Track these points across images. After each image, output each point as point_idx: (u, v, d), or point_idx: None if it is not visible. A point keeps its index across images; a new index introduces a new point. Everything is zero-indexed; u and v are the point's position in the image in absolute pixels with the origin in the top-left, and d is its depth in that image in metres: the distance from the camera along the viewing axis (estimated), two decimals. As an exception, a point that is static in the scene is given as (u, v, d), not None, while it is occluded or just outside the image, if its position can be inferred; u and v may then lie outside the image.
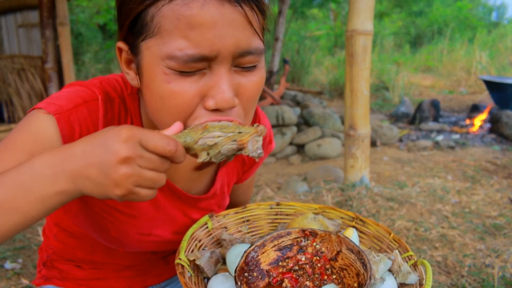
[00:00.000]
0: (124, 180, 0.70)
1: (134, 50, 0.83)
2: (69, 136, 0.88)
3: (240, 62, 0.80)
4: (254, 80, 0.84)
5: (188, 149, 0.77)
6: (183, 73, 0.77)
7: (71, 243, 1.19)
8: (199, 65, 0.77)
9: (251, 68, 0.83)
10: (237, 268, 0.87)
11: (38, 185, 0.72)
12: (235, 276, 0.85)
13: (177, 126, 0.78)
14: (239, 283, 0.83)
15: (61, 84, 6.26)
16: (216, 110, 0.80)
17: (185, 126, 0.82)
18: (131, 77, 0.89)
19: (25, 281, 2.46)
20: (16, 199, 0.72)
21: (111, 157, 0.69)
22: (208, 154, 0.78)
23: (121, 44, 0.87)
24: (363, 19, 3.39)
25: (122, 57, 0.89)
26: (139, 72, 0.85)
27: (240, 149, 0.78)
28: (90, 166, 0.70)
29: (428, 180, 4.14)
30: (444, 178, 4.26)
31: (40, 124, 0.87)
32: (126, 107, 0.99)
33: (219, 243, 1.12)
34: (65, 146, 0.74)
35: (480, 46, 12.25)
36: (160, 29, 0.76)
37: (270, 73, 7.13)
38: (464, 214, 3.31)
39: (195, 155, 0.79)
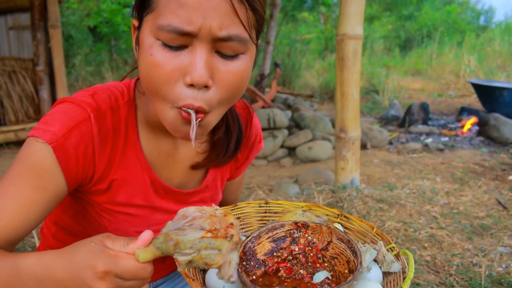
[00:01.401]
0: None
1: (139, 25, 0.90)
2: (66, 161, 0.92)
3: (221, 46, 0.84)
4: (233, 69, 0.87)
5: (164, 254, 0.76)
6: (167, 47, 0.83)
7: (69, 241, 1.20)
8: (182, 39, 0.82)
9: (233, 57, 0.87)
10: None
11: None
12: None
13: (147, 235, 0.77)
14: (239, 270, 0.86)
15: (52, 86, 6.24)
16: (192, 86, 0.84)
17: (168, 104, 0.86)
18: (137, 53, 0.94)
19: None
20: None
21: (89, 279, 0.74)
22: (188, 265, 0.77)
23: (135, 21, 0.94)
24: (353, 24, 3.45)
25: (134, 35, 0.95)
26: (138, 45, 0.91)
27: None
28: (72, 286, 0.77)
29: (418, 182, 4.20)
30: (433, 179, 4.32)
31: (39, 156, 0.91)
32: (119, 115, 1.02)
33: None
34: (47, 259, 0.81)
35: (469, 49, 12.39)
36: (158, 4, 0.83)
37: (261, 77, 7.16)
38: (453, 214, 3.37)
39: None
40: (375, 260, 1.01)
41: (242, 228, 1.23)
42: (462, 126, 6.74)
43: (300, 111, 6.19)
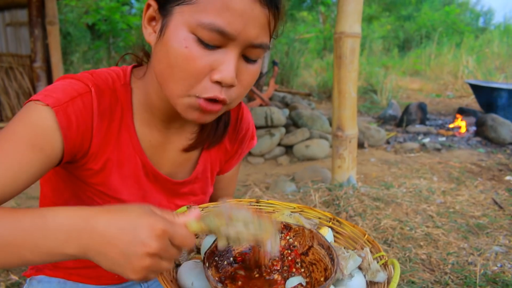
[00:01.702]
0: (144, 270, 0.73)
1: (164, 11, 0.91)
2: (67, 127, 0.92)
3: (249, 52, 0.91)
4: (252, 72, 0.95)
5: (209, 231, 0.81)
6: (203, 44, 0.86)
7: None
8: (220, 39, 0.86)
9: (253, 61, 0.94)
10: (207, 251, 0.88)
11: (47, 245, 0.74)
12: (204, 257, 0.86)
13: (197, 211, 0.82)
14: (207, 264, 0.84)
15: (49, 83, 6.18)
16: (218, 83, 0.89)
17: (188, 91, 0.90)
18: (148, 32, 0.96)
19: (14, 277, 2.46)
20: (23, 248, 0.74)
21: (140, 248, 0.72)
22: (228, 242, 0.81)
23: (152, 2, 0.94)
24: (351, 22, 3.44)
25: (147, 13, 0.96)
26: (161, 30, 0.91)
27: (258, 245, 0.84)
28: (112, 246, 0.72)
29: (414, 181, 4.20)
30: (429, 179, 4.32)
31: (40, 116, 0.90)
32: (116, 97, 1.04)
33: (195, 234, 1.13)
34: (85, 212, 0.76)
35: (467, 50, 12.40)
36: (198, 0, 0.85)
37: (259, 75, 7.15)
38: (449, 214, 3.37)
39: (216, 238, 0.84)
40: (360, 268, 0.97)
41: None
42: (459, 127, 6.74)
43: (298, 110, 6.19)
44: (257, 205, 1.23)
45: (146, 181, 1.13)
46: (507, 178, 4.37)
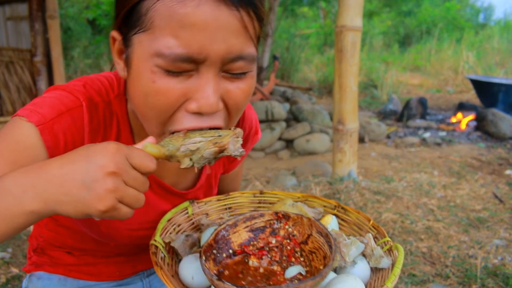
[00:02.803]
0: (109, 194, 0.67)
1: (127, 41, 0.82)
2: (53, 146, 0.87)
3: (230, 67, 0.78)
4: (243, 88, 0.82)
5: (170, 157, 0.78)
6: (170, 73, 0.76)
7: (61, 231, 1.19)
8: (187, 66, 0.75)
9: (241, 75, 0.81)
10: (205, 245, 0.86)
11: (4, 205, 0.69)
12: (200, 251, 0.84)
13: (152, 138, 0.78)
14: (204, 258, 0.82)
15: (50, 77, 6.21)
16: (197, 114, 0.79)
17: (164, 128, 0.82)
18: (120, 67, 0.87)
19: (14, 270, 2.46)
20: None
21: (97, 171, 0.67)
22: (191, 159, 0.78)
23: (115, 34, 0.85)
24: (352, 15, 3.44)
25: (114, 47, 0.87)
26: (127, 64, 0.83)
27: (222, 151, 0.79)
28: (69, 182, 0.67)
29: (415, 175, 4.20)
30: (430, 173, 4.32)
31: (23, 133, 0.84)
32: (111, 111, 0.97)
33: (198, 229, 1.11)
34: (40, 164, 0.71)
35: (468, 46, 12.37)
36: (153, 24, 0.74)
37: (260, 69, 7.15)
38: (449, 207, 3.38)
39: (178, 162, 0.79)
40: (364, 255, 0.95)
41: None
42: (458, 122, 6.74)
43: (298, 104, 6.19)
44: (261, 197, 1.22)
45: (150, 192, 1.09)
46: (507, 172, 4.38)
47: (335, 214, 1.12)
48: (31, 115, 0.85)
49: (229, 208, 1.20)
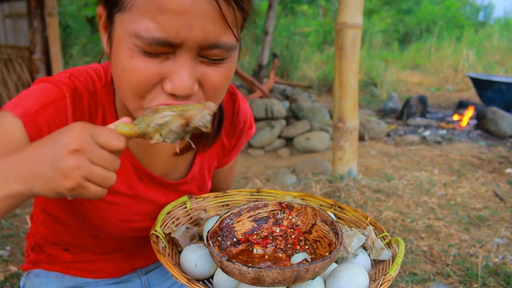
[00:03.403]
0: (73, 171, 0.68)
1: (110, 18, 0.83)
2: (37, 138, 0.87)
3: (206, 53, 0.80)
4: (220, 71, 0.84)
5: (144, 135, 0.78)
6: (147, 53, 0.77)
7: (58, 228, 1.19)
8: (163, 49, 0.77)
9: (218, 60, 0.82)
10: (210, 231, 0.87)
11: None
12: (207, 236, 0.84)
13: (126, 117, 0.78)
14: (211, 243, 0.82)
15: (48, 75, 6.16)
16: (173, 96, 0.81)
17: (141, 103, 0.83)
18: (105, 42, 0.88)
19: (13, 268, 2.45)
20: None
21: (61, 149, 0.68)
22: (161, 135, 0.78)
23: (100, 9, 0.87)
24: (353, 13, 3.42)
25: (100, 22, 0.88)
26: (110, 41, 0.84)
27: (188, 124, 0.79)
28: (41, 162, 0.70)
29: (415, 173, 4.19)
30: (430, 171, 4.31)
31: (8, 128, 0.86)
32: (97, 100, 0.98)
33: (197, 223, 1.12)
34: (21, 149, 0.74)
35: (467, 44, 12.37)
36: (133, 5, 0.76)
37: (259, 67, 7.13)
38: (450, 206, 3.36)
39: (151, 139, 0.80)
40: (364, 247, 0.96)
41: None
42: (460, 120, 6.72)
43: (298, 102, 6.17)
44: (258, 195, 1.22)
45: (140, 184, 1.09)
46: (508, 170, 4.37)
47: (332, 213, 1.12)
48: (16, 109, 0.87)
49: (227, 205, 1.21)
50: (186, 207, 1.14)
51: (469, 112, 6.73)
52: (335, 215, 1.12)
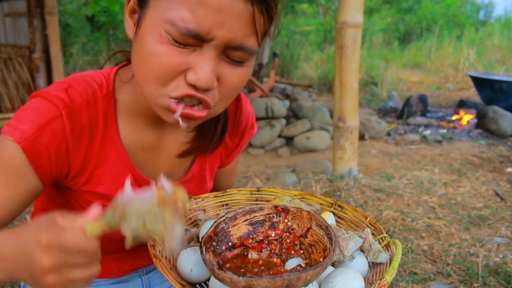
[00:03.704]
0: (55, 286, 0.70)
1: (142, 3, 0.84)
2: (37, 160, 0.90)
3: (230, 53, 0.82)
4: (239, 73, 0.86)
5: (112, 229, 0.75)
6: (176, 43, 0.79)
7: None
8: (193, 41, 0.78)
9: (239, 62, 0.84)
10: (204, 236, 0.87)
11: None
12: (200, 242, 0.84)
13: (96, 209, 0.75)
14: (203, 249, 0.82)
15: (48, 74, 6.18)
16: (193, 87, 0.82)
17: (162, 91, 0.83)
18: (129, 25, 0.89)
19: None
20: None
21: (36, 268, 0.69)
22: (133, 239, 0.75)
23: None
24: (353, 12, 3.41)
25: (128, 5, 0.89)
26: (138, 23, 0.85)
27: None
28: (21, 270, 0.73)
29: (415, 173, 4.18)
30: (431, 170, 4.31)
31: (8, 153, 0.88)
32: (97, 110, 0.97)
33: (196, 224, 1.12)
34: (1, 244, 0.76)
35: (468, 43, 12.36)
36: None
37: (259, 66, 7.12)
38: (450, 205, 3.36)
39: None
40: (362, 250, 0.96)
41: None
42: (460, 119, 6.72)
43: (298, 101, 6.17)
44: (258, 194, 1.22)
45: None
46: (508, 170, 4.36)
47: (331, 212, 1.12)
48: (14, 133, 0.88)
49: (226, 204, 1.21)
50: None
51: (469, 116, 6.70)
52: (335, 214, 1.12)
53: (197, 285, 0.93)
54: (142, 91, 0.90)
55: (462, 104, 7.50)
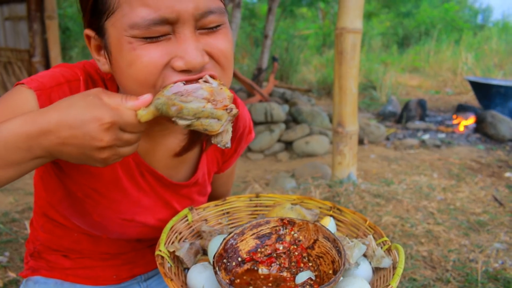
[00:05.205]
0: (106, 160, 0.77)
1: (101, 32, 0.85)
2: None
3: (203, 23, 0.82)
4: (221, 37, 0.86)
5: (162, 115, 0.80)
6: (148, 39, 0.79)
7: (57, 233, 1.20)
8: (162, 29, 0.79)
9: (216, 27, 0.85)
10: (216, 255, 0.88)
11: (14, 157, 0.74)
12: (213, 261, 0.86)
13: (148, 96, 0.80)
14: (217, 268, 0.84)
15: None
16: (185, 72, 0.82)
17: (155, 92, 0.83)
18: (101, 62, 0.91)
19: (12, 274, 2.44)
20: None
21: (93, 143, 0.73)
22: (180, 115, 0.79)
23: (88, 31, 0.89)
24: (352, 17, 3.43)
25: (91, 45, 0.91)
26: (107, 52, 0.86)
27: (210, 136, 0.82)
28: (69, 146, 0.74)
29: (414, 178, 4.19)
30: (430, 175, 4.31)
31: (21, 98, 0.89)
32: (107, 87, 1.02)
33: (199, 235, 1.13)
34: (38, 115, 0.75)
35: (466, 47, 12.39)
36: (119, 2, 0.79)
37: (259, 70, 7.14)
38: (449, 210, 3.37)
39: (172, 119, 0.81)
40: (365, 255, 0.98)
41: (231, 224, 1.21)
42: (458, 124, 6.73)
43: (298, 106, 6.17)
44: (257, 200, 1.24)
45: (142, 181, 1.10)
46: (507, 174, 4.37)
47: (331, 215, 1.15)
48: (31, 82, 0.90)
49: (227, 213, 1.22)
50: (187, 220, 1.14)
51: (470, 120, 6.71)
52: (334, 217, 1.14)
53: None
54: None
55: (461, 109, 7.51)
